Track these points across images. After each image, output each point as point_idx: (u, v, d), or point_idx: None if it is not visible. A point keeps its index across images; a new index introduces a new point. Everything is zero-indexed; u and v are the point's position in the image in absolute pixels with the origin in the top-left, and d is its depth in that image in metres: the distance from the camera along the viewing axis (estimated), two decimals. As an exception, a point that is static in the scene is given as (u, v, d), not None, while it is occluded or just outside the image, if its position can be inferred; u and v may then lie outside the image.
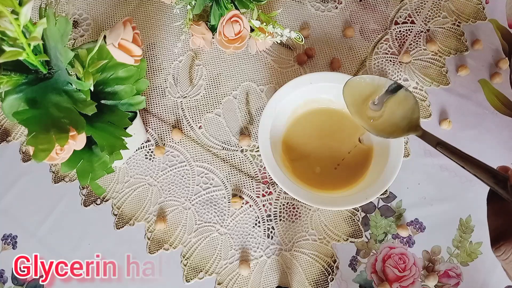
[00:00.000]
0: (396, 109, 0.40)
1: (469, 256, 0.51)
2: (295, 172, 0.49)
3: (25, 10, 0.31)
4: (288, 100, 0.50)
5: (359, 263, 0.51)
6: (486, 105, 0.57)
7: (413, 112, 0.38)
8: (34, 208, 0.53)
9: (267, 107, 0.49)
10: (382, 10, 0.62)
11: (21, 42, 0.33)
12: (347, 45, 0.60)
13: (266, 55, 0.59)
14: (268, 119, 0.49)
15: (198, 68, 0.59)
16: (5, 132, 0.56)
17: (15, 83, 0.37)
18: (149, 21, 0.61)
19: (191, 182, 0.54)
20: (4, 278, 0.50)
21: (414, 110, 0.38)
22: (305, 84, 0.50)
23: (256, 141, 0.55)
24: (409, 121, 0.38)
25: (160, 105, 0.57)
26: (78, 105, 0.38)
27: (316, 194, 0.46)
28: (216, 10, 0.52)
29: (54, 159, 0.38)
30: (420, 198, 0.53)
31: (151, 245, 0.51)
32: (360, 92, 0.42)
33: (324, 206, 0.46)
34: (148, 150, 0.55)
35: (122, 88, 0.43)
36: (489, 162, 0.54)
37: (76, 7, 0.62)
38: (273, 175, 0.46)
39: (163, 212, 0.52)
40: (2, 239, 0.52)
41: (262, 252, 0.51)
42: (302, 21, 0.61)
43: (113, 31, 0.38)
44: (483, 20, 0.62)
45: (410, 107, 0.39)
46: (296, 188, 0.46)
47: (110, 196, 0.53)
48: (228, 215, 0.52)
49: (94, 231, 0.52)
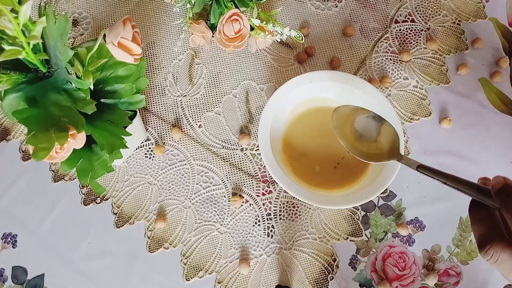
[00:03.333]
0: (380, 137, 0.44)
1: (469, 255, 0.52)
2: (295, 170, 0.49)
3: (25, 9, 0.31)
4: (288, 99, 0.50)
5: (359, 262, 0.51)
6: (486, 104, 0.57)
7: (394, 142, 0.42)
8: (34, 207, 0.53)
9: (267, 106, 0.49)
10: (382, 8, 0.62)
11: (20, 40, 0.33)
12: (347, 44, 0.60)
13: (266, 53, 0.59)
14: (268, 117, 0.49)
15: (198, 67, 0.59)
16: (5, 131, 0.56)
17: (14, 81, 0.37)
18: (149, 20, 0.61)
19: (191, 181, 0.54)
20: (4, 277, 0.50)
21: (395, 140, 0.42)
22: (305, 83, 0.50)
23: (256, 140, 0.55)
24: (391, 148, 0.42)
25: (160, 104, 0.57)
26: (78, 104, 0.38)
27: (316, 193, 0.46)
28: (216, 9, 0.52)
29: (54, 158, 0.38)
30: (420, 197, 0.53)
31: (151, 244, 0.51)
32: (348, 117, 0.45)
33: (324, 205, 0.46)
34: (148, 149, 0.55)
35: (122, 87, 0.43)
36: (489, 161, 0.54)
37: (76, 5, 0.62)
38: (273, 173, 0.46)
39: (163, 211, 0.52)
40: (2, 238, 0.52)
41: (262, 251, 0.51)
42: (302, 20, 0.61)
43: (113, 29, 0.38)
44: (483, 18, 0.62)
45: (392, 137, 0.42)
46: (296, 186, 0.46)
47: (110, 195, 0.53)
48: (228, 214, 0.52)
49: (94, 230, 0.52)
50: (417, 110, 0.57)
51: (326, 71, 0.51)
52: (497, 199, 0.30)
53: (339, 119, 0.45)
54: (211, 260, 0.51)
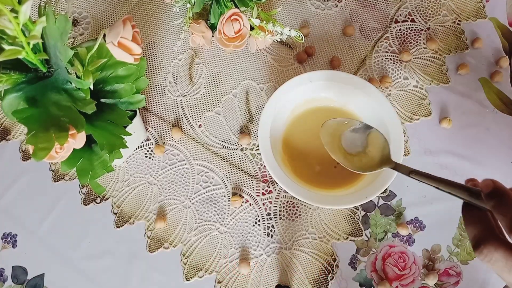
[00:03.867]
0: (369, 147, 0.44)
1: (469, 254, 0.52)
2: (295, 170, 0.49)
3: (25, 9, 0.31)
4: (288, 98, 0.50)
5: (359, 262, 0.51)
6: (487, 103, 0.57)
7: (384, 149, 0.42)
8: (34, 207, 0.53)
9: (267, 106, 0.49)
10: (382, 8, 0.62)
11: (20, 40, 0.33)
12: (347, 44, 0.60)
13: (266, 53, 0.59)
14: (268, 117, 0.49)
15: (198, 67, 0.59)
16: (5, 131, 0.56)
17: (14, 81, 0.37)
18: (149, 20, 0.61)
19: (191, 180, 0.54)
20: (4, 276, 0.50)
21: (385, 147, 0.42)
22: (305, 83, 0.50)
23: (256, 139, 0.55)
24: (381, 156, 0.42)
25: (160, 104, 0.57)
26: (78, 103, 0.38)
27: (316, 193, 0.46)
28: (216, 9, 0.52)
29: (54, 158, 0.38)
30: (420, 197, 0.53)
31: (151, 243, 0.51)
32: (335, 131, 0.46)
33: (324, 205, 0.46)
34: (148, 148, 0.55)
35: (121, 86, 0.43)
36: (489, 161, 0.54)
37: (76, 5, 0.62)
38: (273, 173, 0.46)
39: (163, 210, 0.52)
40: (2, 238, 0.52)
41: (262, 251, 0.51)
42: (302, 20, 0.61)
43: (113, 29, 0.38)
44: (483, 18, 0.62)
45: (381, 144, 0.43)
46: (296, 186, 0.46)
47: (110, 194, 0.53)
48: (228, 213, 0.52)
49: (94, 230, 0.52)
50: (417, 110, 0.57)
51: (326, 71, 0.51)
52: (489, 202, 0.31)
53: (328, 134, 0.46)
54: (211, 260, 0.51)
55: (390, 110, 0.48)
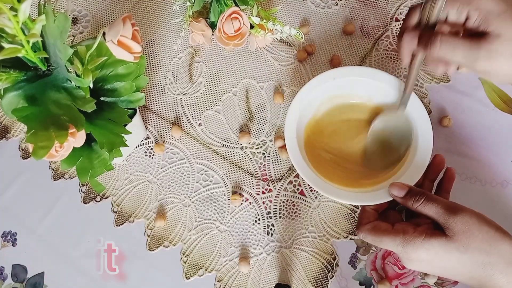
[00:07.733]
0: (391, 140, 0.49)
1: (468, 253, 0.51)
2: (322, 169, 0.48)
3: (24, 7, 0.31)
4: (313, 96, 0.49)
5: (359, 260, 0.51)
6: (487, 102, 0.57)
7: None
8: (34, 205, 0.53)
9: (291, 108, 0.48)
10: (382, 6, 0.62)
11: (20, 39, 0.33)
12: (347, 42, 0.60)
13: (266, 52, 0.59)
14: (294, 117, 0.48)
15: (198, 65, 0.59)
16: (5, 129, 0.56)
17: (14, 80, 0.37)
18: (149, 18, 0.61)
19: (191, 179, 0.54)
20: (4, 275, 0.50)
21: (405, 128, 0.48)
22: (327, 80, 0.49)
23: (255, 138, 0.55)
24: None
25: (160, 102, 0.57)
26: (78, 102, 0.38)
27: (346, 191, 0.46)
28: (216, 7, 0.52)
29: (54, 156, 0.38)
30: (420, 196, 0.53)
31: (150, 242, 0.51)
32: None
33: (355, 202, 0.45)
34: (147, 147, 0.55)
35: (121, 85, 0.43)
36: (489, 159, 0.54)
37: (75, 3, 0.62)
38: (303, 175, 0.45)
39: (162, 209, 0.52)
40: (2, 236, 0.52)
41: (262, 249, 0.51)
42: (302, 18, 0.61)
43: (113, 28, 0.38)
44: (483, 17, 0.61)
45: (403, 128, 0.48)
46: (326, 185, 0.45)
47: (109, 193, 0.53)
48: (228, 212, 0.52)
49: (93, 228, 0.52)
50: (417, 108, 0.57)
51: (352, 67, 0.52)
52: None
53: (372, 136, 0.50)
54: (211, 259, 0.51)
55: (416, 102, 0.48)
